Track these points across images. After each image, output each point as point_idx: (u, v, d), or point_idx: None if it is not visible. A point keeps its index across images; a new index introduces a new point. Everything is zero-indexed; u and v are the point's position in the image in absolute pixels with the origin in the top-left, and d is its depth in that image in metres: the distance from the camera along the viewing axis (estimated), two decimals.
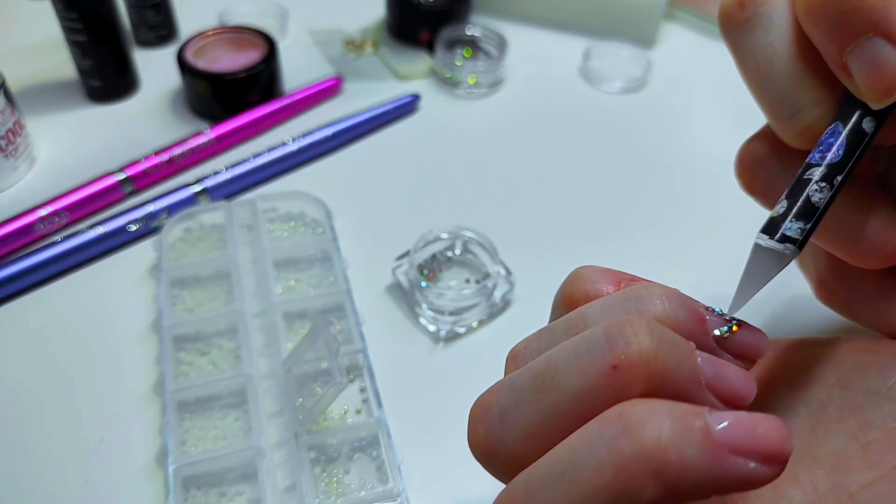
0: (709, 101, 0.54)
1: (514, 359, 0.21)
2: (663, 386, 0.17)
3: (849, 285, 0.25)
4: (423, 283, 0.37)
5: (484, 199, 0.45)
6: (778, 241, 0.20)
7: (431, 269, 0.39)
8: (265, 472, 0.31)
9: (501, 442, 0.18)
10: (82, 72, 0.48)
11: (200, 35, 0.50)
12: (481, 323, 0.38)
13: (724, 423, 0.16)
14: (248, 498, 0.31)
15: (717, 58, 0.58)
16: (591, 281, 0.21)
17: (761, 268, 0.20)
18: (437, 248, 0.40)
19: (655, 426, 0.16)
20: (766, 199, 0.24)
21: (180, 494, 0.30)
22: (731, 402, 0.18)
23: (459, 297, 0.37)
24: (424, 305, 0.37)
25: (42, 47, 0.53)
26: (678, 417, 0.16)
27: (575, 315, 0.20)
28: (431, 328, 0.37)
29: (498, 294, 0.38)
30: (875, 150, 0.23)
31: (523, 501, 0.17)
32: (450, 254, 0.40)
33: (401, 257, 0.39)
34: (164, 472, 0.31)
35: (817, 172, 0.20)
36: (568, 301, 0.21)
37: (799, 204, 0.20)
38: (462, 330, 0.37)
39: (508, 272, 0.38)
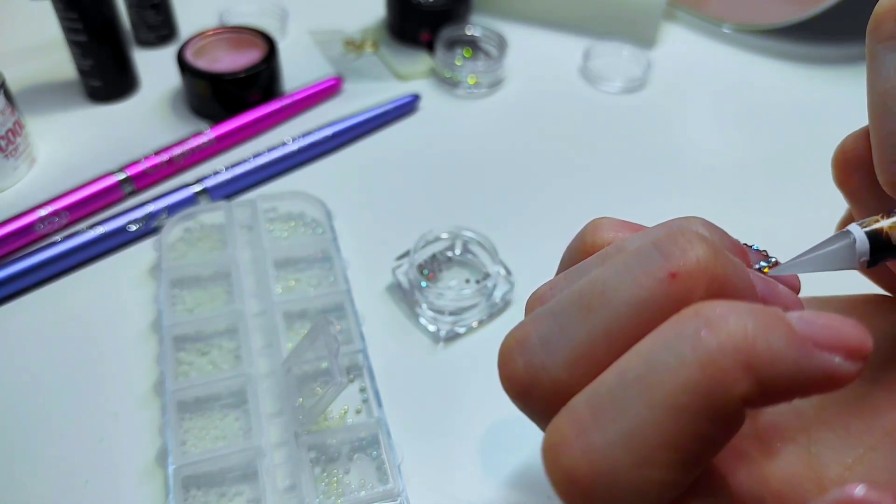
0: (708, 101, 0.54)
1: (540, 299, 0.20)
2: (723, 294, 0.16)
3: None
4: (423, 283, 0.37)
5: (484, 199, 0.45)
6: (868, 250, 0.18)
7: (431, 269, 0.39)
8: (265, 472, 0.31)
9: (546, 370, 0.17)
10: (82, 72, 0.48)
11: (200, 35, 0.50)
12: (481, 323, 0.38)
13: (804, 320, 0.15)
14: (248, 498, 0.31)
15: (716, 58, 0.58)
16: (613, 230, 0.21)
17: (834, 254, 0.19)
18: (437, 248, 0.40)
19: (739, 319, 0.15)
20: (855, 199, 0.22)
21: (180, 494, 0.30)
22: None
23: (459, 297, 0.37)
24: (424, 305, 0.37)
25: (42, 47, 0.53)
26: (759, 311, 0.15)
27: (610, 249, 0.19)
28: (431, 328, 0.37)
29: (498, 294, 0.38)
30: None
31: (589, 416, 0.16)
32: (450, 254, 0.40)
33: (401, 257, 0.39)
34: (164, 472, 0.31)
35: None
36: (589, 250, 0.20)
37: None
38: (462, 330, 0.37)
39: (508, 272, 0.38)
